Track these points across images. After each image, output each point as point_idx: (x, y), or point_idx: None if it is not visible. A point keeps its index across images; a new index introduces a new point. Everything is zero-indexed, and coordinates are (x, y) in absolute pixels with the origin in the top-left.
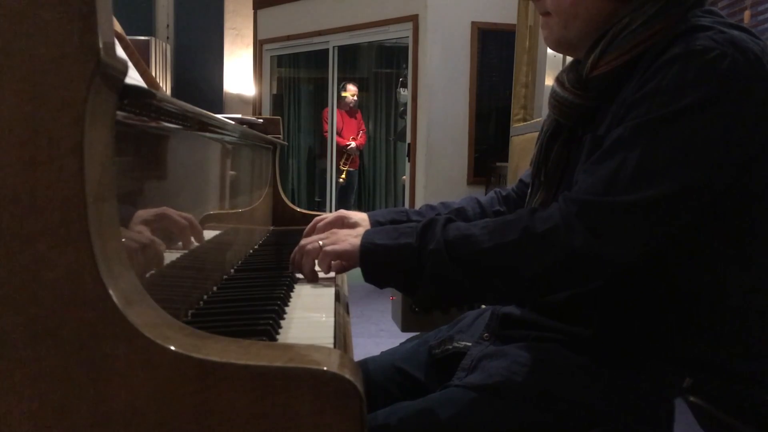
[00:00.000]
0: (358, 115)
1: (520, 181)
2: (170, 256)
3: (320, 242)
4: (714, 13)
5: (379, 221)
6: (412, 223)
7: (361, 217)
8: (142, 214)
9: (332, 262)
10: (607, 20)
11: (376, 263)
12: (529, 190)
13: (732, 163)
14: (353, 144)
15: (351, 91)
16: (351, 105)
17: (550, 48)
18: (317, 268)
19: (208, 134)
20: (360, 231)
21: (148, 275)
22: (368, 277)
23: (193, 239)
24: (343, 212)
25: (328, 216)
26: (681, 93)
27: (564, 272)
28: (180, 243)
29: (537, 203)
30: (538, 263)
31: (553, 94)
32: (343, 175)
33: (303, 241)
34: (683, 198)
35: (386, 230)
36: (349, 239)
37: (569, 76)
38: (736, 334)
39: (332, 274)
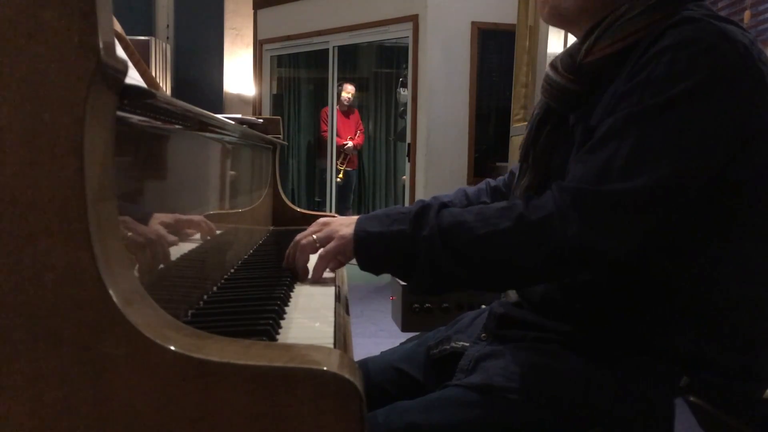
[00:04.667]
0: (355, 115)
1: (510, 172)
2: (170, 256)
3: (314, 236)
4: (704, 7)
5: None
6: (404, 209)
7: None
8: (152, 216)
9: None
10: (607, 3)
11: (370, 251)
12: (517, 173)
13: (722, 151)
14: (350, 144)
15: (347, 91)
16: (347, 104)
17: (544, 20)
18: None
19: (208, 134)
20: (353, 219)
21: (149, 275)
22: (363, 264)
23: (201, 237)
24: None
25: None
26: (672, 83)
27: (558, 261)
28: (189, 240)
29: (523, 186)
30: (532, 251)
31: (547, 79)
32: (341, 175)
33: (297, 237)
34: (675, 186)
35: (378, 217)
36: (342, 230)
37: (563, 61)
38: (729, 327)
39: (329, 273)
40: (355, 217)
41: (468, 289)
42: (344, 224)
